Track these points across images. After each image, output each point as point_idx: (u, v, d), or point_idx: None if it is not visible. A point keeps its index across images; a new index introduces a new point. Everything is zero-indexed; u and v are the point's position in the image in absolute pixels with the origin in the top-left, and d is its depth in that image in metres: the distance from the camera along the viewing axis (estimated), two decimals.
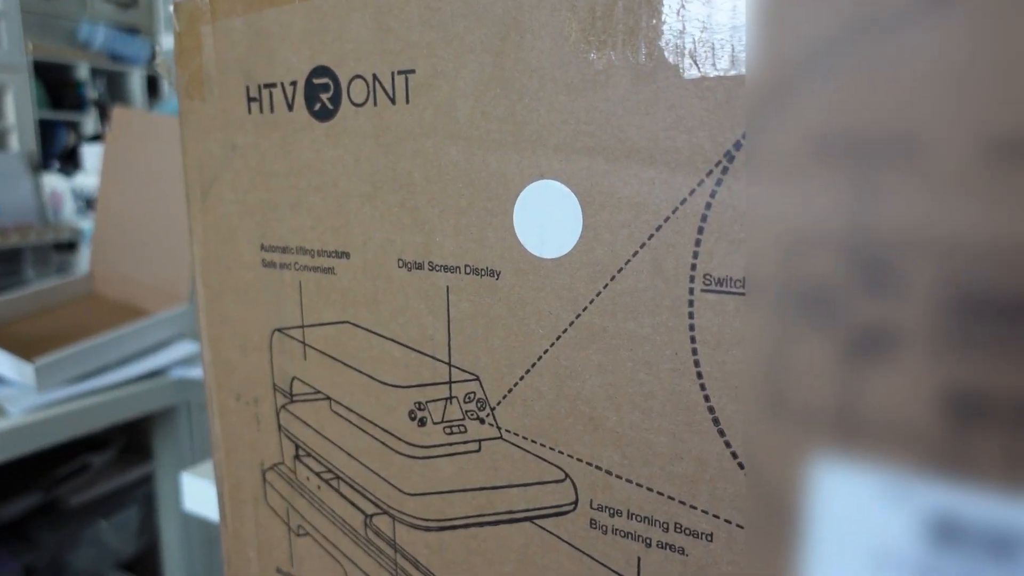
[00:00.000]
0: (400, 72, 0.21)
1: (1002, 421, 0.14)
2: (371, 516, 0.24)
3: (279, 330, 0.25)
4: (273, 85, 0.24)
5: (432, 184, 0.21)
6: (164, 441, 0.78)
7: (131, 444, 0.84)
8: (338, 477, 0.25)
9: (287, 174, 0.24)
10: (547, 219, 0.19)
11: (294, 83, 0.23)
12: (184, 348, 0.76)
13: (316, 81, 0.23)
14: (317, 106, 0.23)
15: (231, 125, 0.25)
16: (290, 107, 0.23)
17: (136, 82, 2.48)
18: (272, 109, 0.24)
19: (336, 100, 0.22)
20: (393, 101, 0.21)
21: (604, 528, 0.20)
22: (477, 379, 0.21)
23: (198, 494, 0.51)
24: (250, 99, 0.24)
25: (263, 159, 0.25)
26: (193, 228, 0.27)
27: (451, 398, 0.22)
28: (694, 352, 0.17)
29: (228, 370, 0.27)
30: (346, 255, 0.23)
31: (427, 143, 0.21)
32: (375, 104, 0.21)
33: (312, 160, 0.23)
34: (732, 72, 0.16)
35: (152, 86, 2.52)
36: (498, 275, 0.20)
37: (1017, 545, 0.14)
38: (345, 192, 0.23)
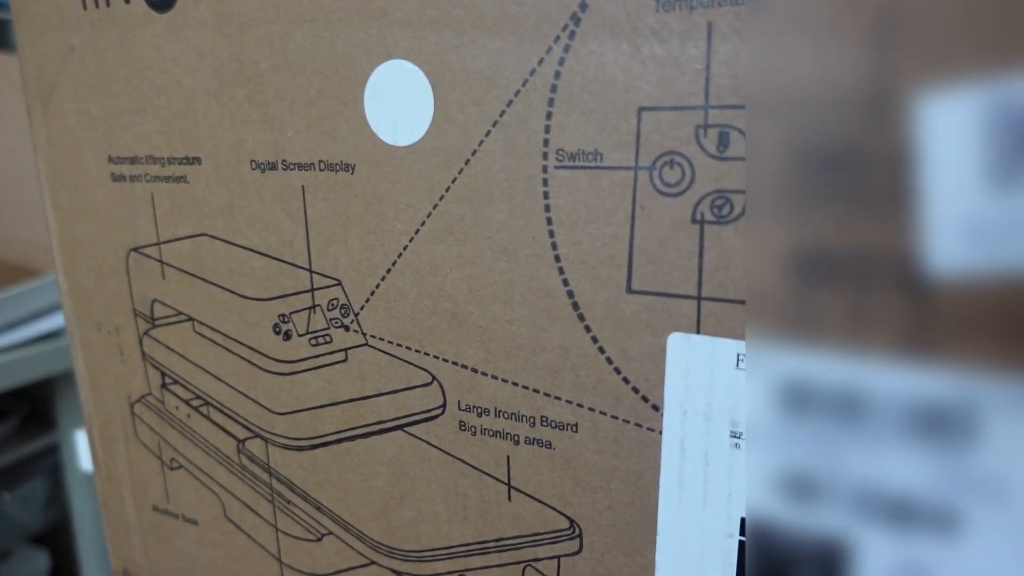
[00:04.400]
0: None
1: (844, 278, 0.14)
2: (244, 441, 0.23)
3: (135, 249, 0.24)
4: None
5: (280, 74, 0.19)
6: (69, 408, 0.74)
7: (34, 413, 0.80)
8: (207, 403, 0.24)
9: (129, 76, 0.22)
10: (398, 104, 0.18)
11: None
12: None
13: None
14: None
15: (66, 24, 0.23)
16: None
17: None
18: (108, 3, 0.22)
19: None
20: None
21: (473, 429, 0.19)
22: (339, 283, 0.20)
23: None
24: None
25: (103, 61, 0.22)
26: (36, 143, 0.25)
27: (314, 307, 0.20)
28: (551, 235, 0.17)
29: (86, 298, 0.25)
30: (197, 160, 0.21)
31: (272, 28, 0.19)
32: None
33: (154, 59, 0.21)
34: None
35: None
36: (353, 169, 0.19)
37: (861, 404, 0.14)
38: (190, 91, 0.21)
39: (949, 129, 0.12)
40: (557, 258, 0.17)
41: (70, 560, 0.77)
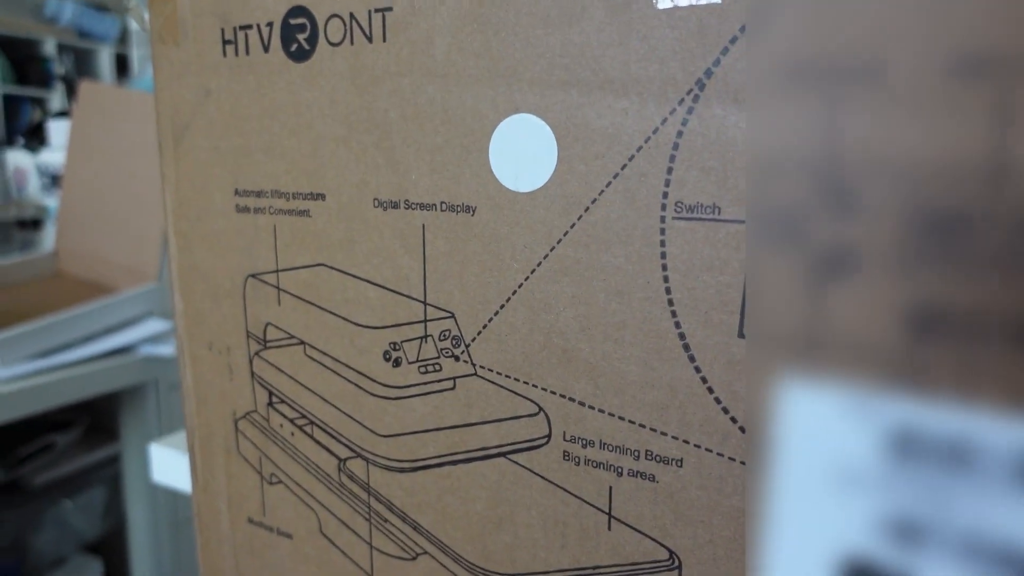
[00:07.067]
0: (377, 10, 0.21)
1: (956, 333, 0.15)
2: (345, 460, 0.25)
3: (253, 276, 0.25)
4: (249, 27, 0.24)
5: (408, 123, 0.21)
6: (131, 420, 0.77)
7: (97, 424, 0.83)
8: (312, 423, 0.25)
9: (261, 117, 0.24)
10: (522, 153, 0.19)
11: (270, 24, 0.23)
12: (153, 326, 0.75)
13: (293, 21, 0.23)
14: (294, 47, 0.23)
15: (205, 69, 0.25)
16: (266, 49, 0.23)
17: (105, 60, 2.43)
18: (248, 52, 0.24)
19: (313, 40, 0.22)
20: (370, 40, 0.21)
21: (577, 459, 0.20)
22: (452, 316, 0.21)
23: (166, 465, 0.50)
24: (225, 42, 0.24)
25: (237, 103, 0.24)
26: (165, 175, 0.27)
27: (426, 336, 0.22)
28: (665, 280, 0.18)
29: (200, 319, 0.27)
30: (321, 197, 0.23)
31: (403, 82, 0.21)
32: (352, 43, 0.21)
33: (287, 103, 0.23)
34: (703, 1, 0.16)
35: (121, 64, 2.47)
36: (474, 211, 0.20)
37: (971, 454, 0.15)
38: (320, 134, 0.23)
39: None
40: (670, 302, 0.18)
41: (123, 570, 0.79)
